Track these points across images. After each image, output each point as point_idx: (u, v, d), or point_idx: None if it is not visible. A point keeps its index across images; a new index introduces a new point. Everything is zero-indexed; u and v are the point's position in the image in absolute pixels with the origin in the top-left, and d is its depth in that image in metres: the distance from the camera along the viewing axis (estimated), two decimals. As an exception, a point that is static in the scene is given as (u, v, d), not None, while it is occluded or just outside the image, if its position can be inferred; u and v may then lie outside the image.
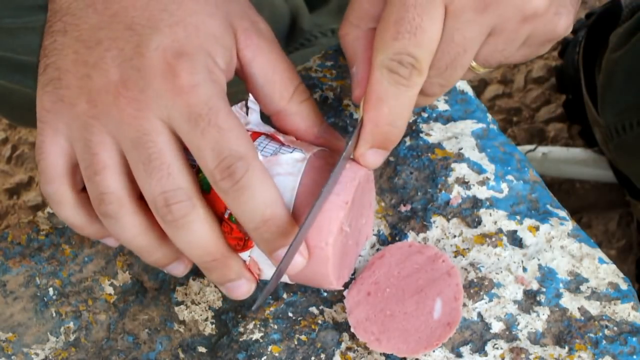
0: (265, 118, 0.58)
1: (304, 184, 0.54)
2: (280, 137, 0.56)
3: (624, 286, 0.59)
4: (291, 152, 0.54)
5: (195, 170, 0.53)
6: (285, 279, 0.57)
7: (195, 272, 0.62)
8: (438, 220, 0.62)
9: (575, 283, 0.59)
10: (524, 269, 0.60)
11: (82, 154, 0.54)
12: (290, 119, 0.57)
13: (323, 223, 0.53)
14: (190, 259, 0.55)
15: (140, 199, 0.54)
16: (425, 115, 0.67)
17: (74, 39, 0.54)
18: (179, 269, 0.57)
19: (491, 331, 0.58)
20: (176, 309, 0.62)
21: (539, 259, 0.60)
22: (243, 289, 0.56)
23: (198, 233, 0.53)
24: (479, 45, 0.53)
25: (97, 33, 0.53)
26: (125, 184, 0.53)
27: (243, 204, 0.52)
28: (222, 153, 0.51)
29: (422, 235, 0.62)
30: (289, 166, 0.54)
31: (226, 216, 0.54)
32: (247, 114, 0.57)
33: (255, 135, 0.56)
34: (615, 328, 0.58)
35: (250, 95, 0.57)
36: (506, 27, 0.53)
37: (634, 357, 0.57)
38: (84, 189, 0.56)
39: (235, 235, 0.54)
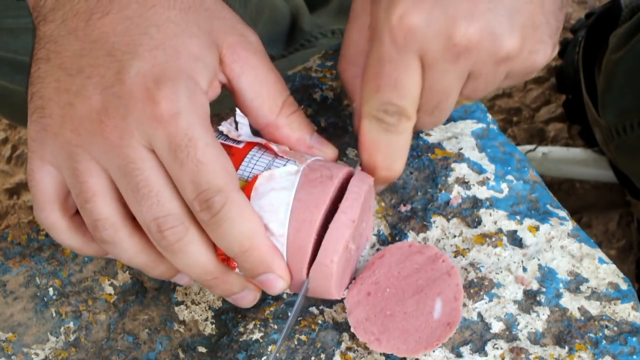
0: (255, 132, 0.58)
1: (298, 198, 0.54)
2: (274, 147, 0.56)
3: (624, 286, 0.59)
4: (285, 165, 0.54)
5: None
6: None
7: (195, 272, 0.62)
8: (438, 220, 0.62)
9: (575, 283, 0.59)
10: (524, 269, 0.60)
11: (71, 183, 0.53)
12: (280, 132, 0.56)
13: (329, 241, 0.54)
14: (191, 278, 0.55)
15: (134, 219, 0.54)
16: (425, 115, 0.67)
17: (56, 67, 0.53)
18: (183, 279, 0.58)
19: (491, 331, 0.58)
20: (176, 309, 0.62)
21: (539, 259, 0.60)
22: (248, 299, 0.57)
23: (194, 255, 0.53)
24: (459, 88, 0.55)
25: (79, 60, 0.53)
26: (117, 208, 0.53)
27: (221, 235, 0.52)
28: (200, 186, 0.51)
29: (422, 235, 0.62)
30: (283, 180, 0.54)
31: None
32: (236, 129, 0.57)
33: (249, 145, 0.56)
34: (615, 328, 0.58)
35: (237, 109, 0.56)
36: (483, 71, 0.53)
37: (634, 357, 0.57)
38: (78, 212, 0.56)
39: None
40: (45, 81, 0.54)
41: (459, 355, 0.57)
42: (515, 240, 0.61)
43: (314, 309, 0.60)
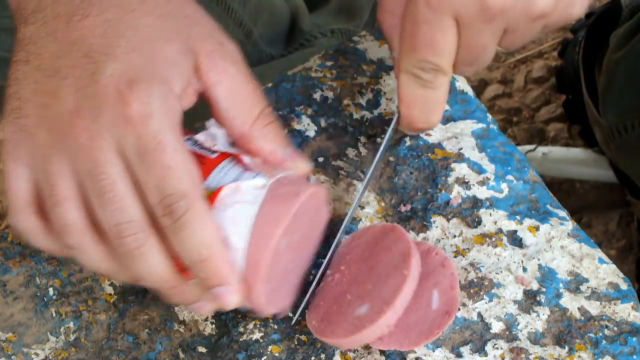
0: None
1: (261, 212, 0.53)
2: (246, 159, 0.55)
3: (624, 286, 0.59)
4: (253, 178, 0.54)
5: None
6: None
7: (195, 272, 0.62)
8: (438, 220, 0.62)
9: (575, 283, 0.59)
10: (524, 269, 0.60)
11: (42, 184, 0.53)
12: (254, 144, 0.56)
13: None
14: (149, 285, 0.55)
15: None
16: (425, 115, 0.67)
17: (34, 68, 0.53)
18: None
19: (491, 331, 0.58)
20: (176, 309, 0.62)
21: (539, 259, 0.60)
22: (206, 308, 0.56)
23: (152, 263, 0.52)
24: (496, 42, 0.57)
25: (56, 61, 0.53)
26: (84, 214, 0.52)
27: (181, 241, 0.51)
28: (164, 191, 0.51)
29: (422, 235, 0.62)
30: (249, 193, 0.53)
31: None
32: (212, 139, 0.56)
33: (222, 156, 0.55)
34: (615, 328, 0.58)
35: (213, 120, 0.56)
36: (518, 27, 0.56)
37: (634, 357, 0.57)
38: None
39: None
40: (23, 83, 0.54)
41: (459, 355, 0.57)
42: (515, 240, 0.61)
43: (314, 309, 0.60)
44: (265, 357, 0.59)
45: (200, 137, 0.56)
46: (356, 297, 0.57)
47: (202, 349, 0.60)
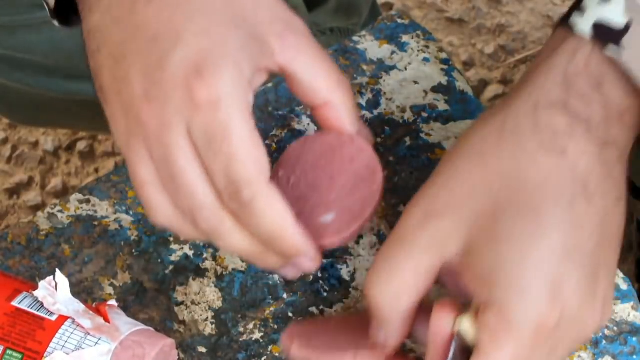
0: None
1: None
2: (87, 321, 0.55)
3: (624, 286, 0.59)
4: (96, 344, 0.54)
5: None
6: None
7: (195, 272, 0.62)
8: (438, 220, 0.62)
9: (575, 283, 0.59)
10: (524, 269, 0.60)
11: (129, 171, 0.54)
12: (336, 110, 0.56)
13: None
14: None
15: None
16: (425, 115, 0.67)
17: (106, 56, 0.53)
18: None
19: (491, 331, 0.58)
20: (176, 309, 0.62)
21: (539, 259, 0.60)
22: (290, 272, 0.56)
23: (230, 242, 0.53)
24: None
25: (123, 47, 0.53)
26: (166, 196, 0.53)
27: (250, 225, 0.52)
28: (230, 178, 0.51)
29: (422, 235, 0.62)
30: None
31: None
32: (56, 288, 0.56)
33: (61, 319, 0.55)
34: (615, 328, 0.58)
35: (57, 270, 0.56)
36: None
37: (634, 357, 0.57)
38: None
39: None
40: (101, 72, 0.53)
41: (459, 355, 0.57)
42: (515, 240, 0.61)
43: (314, 309, 0.60)
44: (265, 357, 0.59)
45: (39, 293, 0.55)
46: (319, 204, 0.56)
47: (202, 349, 0.60)
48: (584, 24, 0.51)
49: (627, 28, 0.50)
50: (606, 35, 0.51)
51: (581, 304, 0.50)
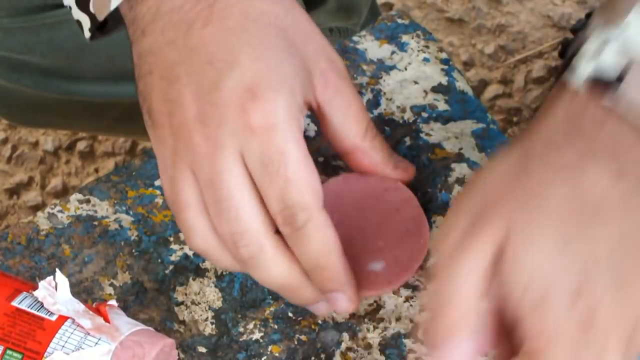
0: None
1: None
2: (87, 322, 0.55)
3: (624, 286, 0.59)
4: (96, 344, 0.54)
5: None
6: None
7: (195, 272, 0.62)
8: (438, 220, 0.62)
9: (575, 283, 0.59)
10: (524, 269, 0.60)
11: (168, 191, 0.54)
12: (367, 155, 0.57)
13: None
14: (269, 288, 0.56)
15: None
16: (425, 115, 0.67)
17: (158, 78, 0.53)
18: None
19: (491, 331, 0.58)
20: (176, 309, 0.62)
21: (539, 259, 0.60)
22: (322, 310, 0.57)
23: (266, 272, 0.53)
24: None
25: (176, 69, 0.53)
26: (207, 219, 0.53)
27: (300, 250, 0.53)
28: (285, 202, 0.51)
29: (422, 235, 0.62)
30: None
31: None
32: (56, 288, 0.56)
33: (61, 319, 0.55)
34: (615, 328, 0.58)
35: (57, 270, 0.56)
36: None
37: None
38: None
39: None
40: (152, 94, 0.54)
41: (459, 355, 0.57)
42: (515, 240, 0.61)
43: (314, 309, 0.60)
44: (265, 357, 0.59)
45: (39, 294, 0.55)
46: (367, 250, 0.57)
47: (202, 349, 0.60)
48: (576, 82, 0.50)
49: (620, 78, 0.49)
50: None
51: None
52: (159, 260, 0.63)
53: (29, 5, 0.76)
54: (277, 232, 0.53)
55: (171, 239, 0.64)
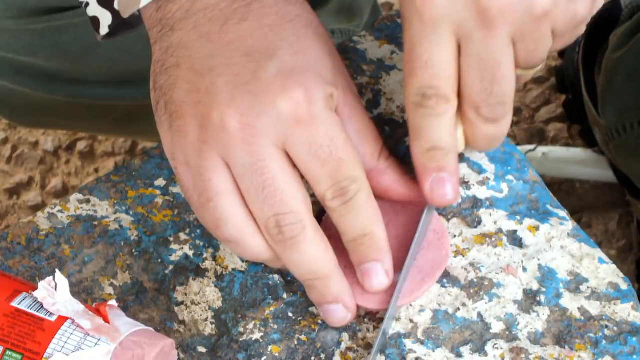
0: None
1: None
2: (87, 322, 0.54)
3: (624, 286, 0.59)
4: (95, 344, 0.54)
5: None
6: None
7: (195, 272, 0.62)
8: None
9: (575, 283, 0.59)
10: (524, 269, 0.60)
11: (195, 182, 0.54)
12: (383, 176, 0.58)
13: None
14: (296, 276, 0.57)
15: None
16: (425, 115, 0.67)
17: (186, 70, 0.54)
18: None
19: (491, 331, 0.58)
20: (176, 309, 0.62)
21: (539, 259, 0.60)
22: (339, 314, 0.57)
23: (304, 253, 0.54)
24: (509, 54, 0.53)
25: (210, 60, 0.53)
26: (241, 206, 0.54)
27: (348, 220, 0.54)
28: (338, 178, 0.53)
29: (422, 235, 0.62)
30: None
31: None
32: (55, 289, 0.55)
33: (60, 320, 0.55)
34: (615, 328, 0.58)
35: (57, 271, 0.56)
36: (525, 32, 0.53)
37: (634, 357, 0.57)
38: None
39: None
40: (176, 86, 0.54)
41: (459, 355, 0.57)
42: (515, 240, 0.61)
43: (314, 309, 0.60)
44: (265, 357, 0.59)
45: (39, 294, 0.55)
46: None
47: (202, 349, 0.60)
48: None
49: None
50: None
51: None
52: (159, 260, 0.63)
53: (33, 8, 0.76)
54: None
55: (171, 239, 0.64)
